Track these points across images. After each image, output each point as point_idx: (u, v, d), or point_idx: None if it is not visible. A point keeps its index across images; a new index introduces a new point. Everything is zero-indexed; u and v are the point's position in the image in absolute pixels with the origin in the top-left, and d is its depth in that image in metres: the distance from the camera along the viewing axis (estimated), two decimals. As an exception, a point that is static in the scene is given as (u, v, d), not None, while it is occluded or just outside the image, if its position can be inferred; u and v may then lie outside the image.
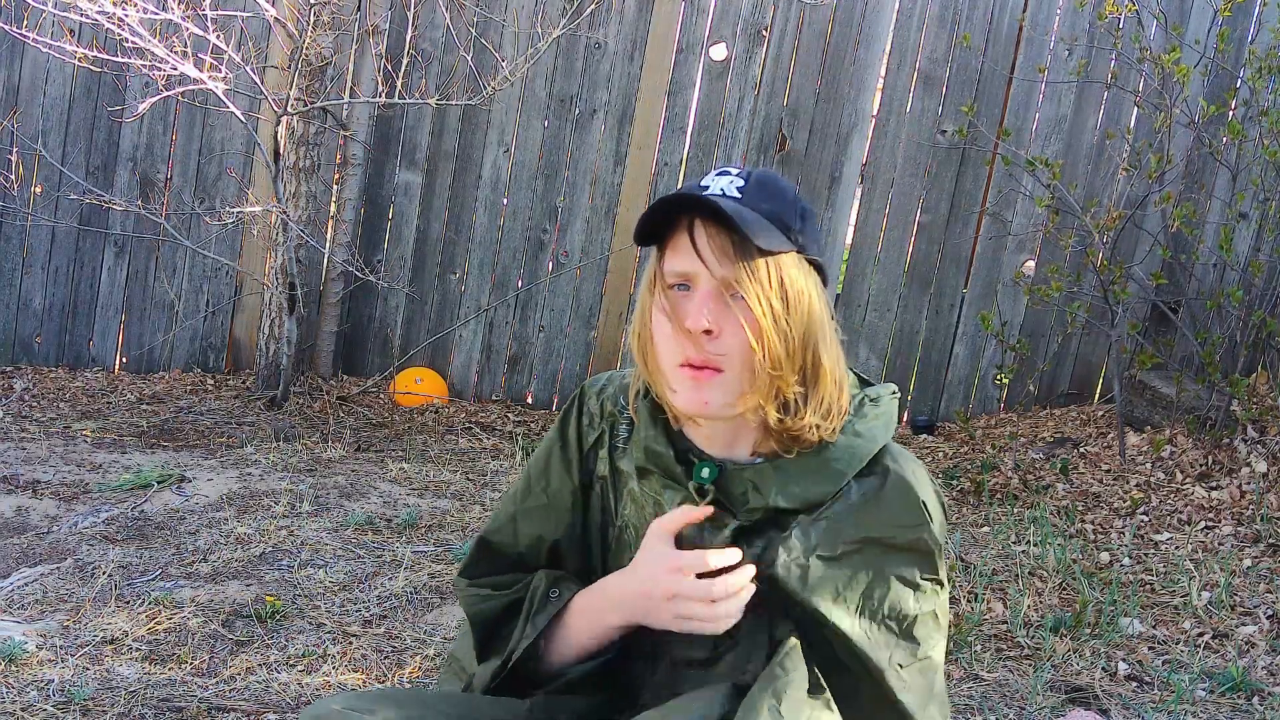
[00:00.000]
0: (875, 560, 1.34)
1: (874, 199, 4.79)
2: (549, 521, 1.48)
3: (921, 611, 1.36)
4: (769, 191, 1.33)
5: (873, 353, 4.80)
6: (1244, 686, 2.66)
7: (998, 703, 2.55)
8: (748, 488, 1.35)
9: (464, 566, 1.52)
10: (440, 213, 4.93)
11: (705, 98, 4.78)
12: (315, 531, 3.31)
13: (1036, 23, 4.62)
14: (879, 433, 1.37)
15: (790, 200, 1.34)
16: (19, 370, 4.80)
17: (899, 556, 1.34)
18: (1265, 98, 4.00)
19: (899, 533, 1.34)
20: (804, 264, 1.33)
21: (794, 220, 1.33)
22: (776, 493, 1.34)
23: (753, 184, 1.33)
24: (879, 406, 1.39)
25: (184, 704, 2.32)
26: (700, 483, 1.37)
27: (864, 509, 1.34)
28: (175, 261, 4.88)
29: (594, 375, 1.53)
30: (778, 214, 1.32)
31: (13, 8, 4.51)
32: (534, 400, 4.98)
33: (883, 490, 1.35)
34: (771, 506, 1.35)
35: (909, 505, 1.34)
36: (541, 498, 1.48)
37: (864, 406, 1.38)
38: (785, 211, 1.33)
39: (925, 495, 1.35)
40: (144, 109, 4.28)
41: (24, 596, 2.82)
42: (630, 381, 1.45)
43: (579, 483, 1.47)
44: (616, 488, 1.45)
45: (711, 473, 1.37)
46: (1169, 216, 4.15)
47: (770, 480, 1.34)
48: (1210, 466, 3.80)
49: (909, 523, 1.34)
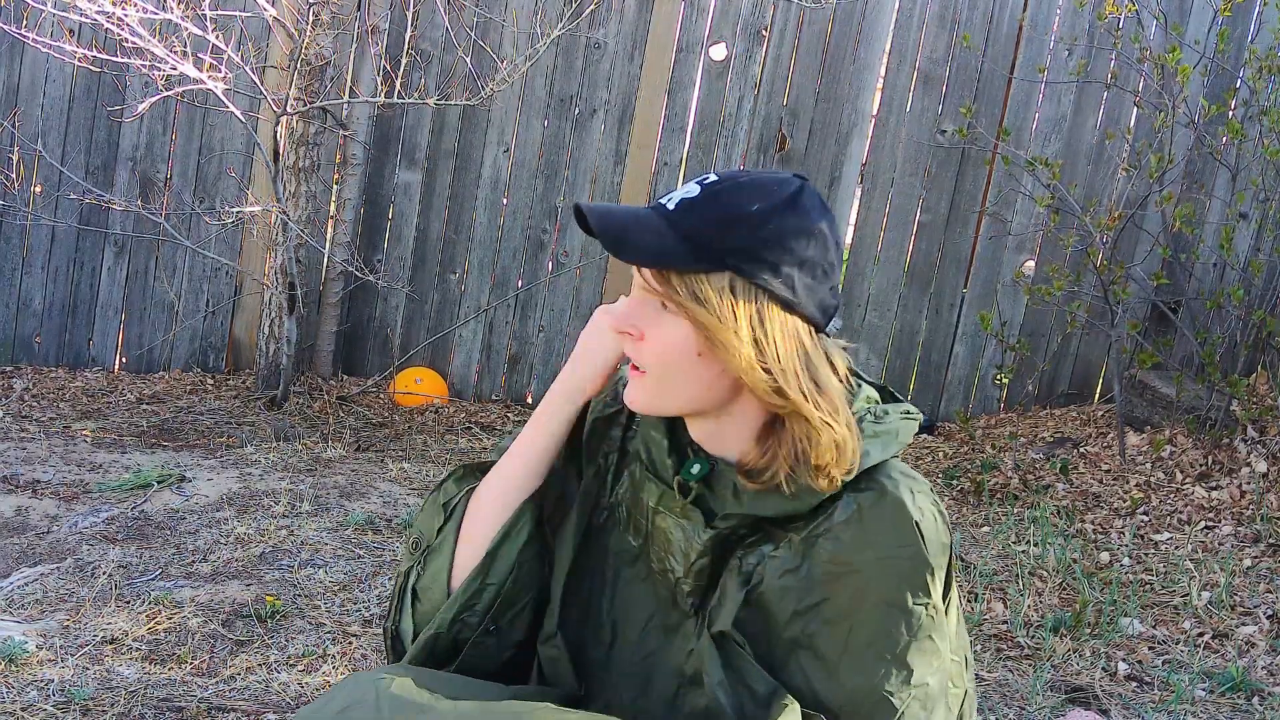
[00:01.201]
0: (862, 581, 1.29)
1: (874, 199, 4.79)
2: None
3: (915, 637, 1.29)
4: (717, 204, 1.26)
5: (873, 353, 4.80)
6: (1244, 686, 2.66)
7: (998, 703, 2.55)
8: (729, 490, 1.34)
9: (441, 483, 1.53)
10: (440, 212, 4.93)
11: (705, 97, 4.78)
12: (315, 531, 3.31)
13: (1036, 23, 4.62)
14: (875, 449, 1.31)
15: (742, 213, 1.25)
16: (19, 370, 4.80)
17: (887, 578, 1.28)
18: (1265, 98, 4.00)
19: (887, 552, 1.28)
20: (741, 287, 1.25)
21: (731, 233, 1.25)
22: (753, 500, 1.32)
23: (703, 197, 1.27)
24: (881, 424, 1.34)
25: (184, 704, 2.32)
26: (688, 478, 1.35)
27: (850, 526, 1.29)
28: (175, 261, 4.88)
29: None
30: (702, 231, 1.25)
31: (12, 8, 4.51)
32: (534, 400, 4.98)
33: (872, 507, 1.29)
34: (748, 515, 1.32)
35: (899, 523, 1.28)
36: None
37: (863, 421, 1.33)
38: (723, 225, 1.25)
39: (917, 513, 1.29)
40: (144, 109, 4.28)
41: (24, 596, 2.82)
42: None
43: (577, 449, 1.46)
44: (619, 465, 1.44)
45: (702, 469, 1.35)
46: (1169, 216, 4.16)
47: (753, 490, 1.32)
48: (1210, 466, 3.80)
49: (898, 542, 1.28)
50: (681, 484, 1.36)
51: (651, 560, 1.41)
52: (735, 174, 1.30)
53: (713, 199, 1.27)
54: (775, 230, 1.26)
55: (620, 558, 1.43)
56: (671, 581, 1.39)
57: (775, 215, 1.26)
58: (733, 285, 1.25)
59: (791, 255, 1.27)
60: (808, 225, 1.28)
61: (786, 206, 1.27)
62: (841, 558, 1.29)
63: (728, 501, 1.34)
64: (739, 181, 1.28)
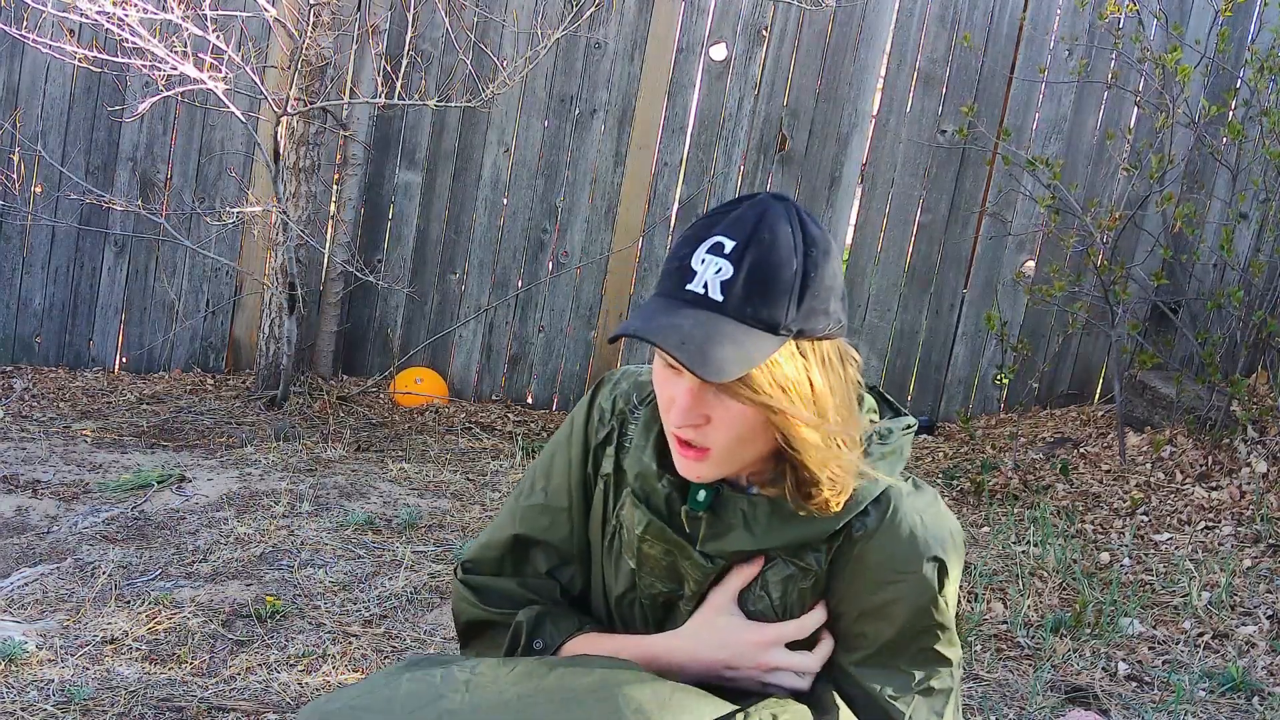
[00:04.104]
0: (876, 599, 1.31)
1: (874, 199, 4.79)
2: (544, 520, 1.47)
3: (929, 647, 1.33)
4: (761, 278, 1.19)
5: (873, 353, 4.80)
6: (1244, 686, 2.66)
7: (998, 703, 2.55)
8: (740, 521, 1.32)
9: (466, 557, 1.52)
10: (440, 213, 4.93)
11: (705, 98, 4.78)
12: (315, 531, 3.31)
13: (1036, 23, 4.62)
14: (883, 470, 1.31)
15: (788, 278, 1.19)
16: (19, 370, 4.80)
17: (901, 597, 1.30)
18: (1265, 98, 4.01)
19: (892, 575, 1.30)
20: (802, 347, 1.21)
21: (789, 303, 1.19)
22: (767, 534, 1.31)
23: (744, 274, 1.19)
24: (887, 444, 1.33)
25: (184, 704, 2.32)
26: (695, 508, 1.33)
27: (855, 546, 1.31)
28: (175, 261, 4.88)
29: (611, 370, 1.51)
30: (764, 313, 1.19)
31: (12, 8, 4.51)
32: (534, 400, 4.98)
33: (879, 529, 1.30)
34: (761, 549, 1.32)
35: (911, 544, 1.30)
36: (540, 497, 1.47)
37: (871, 444, 1.32)
38: (777, 300, 1.19)
39: (928, 535, 1.30)
40: (144, 109, 4.28)
41: (24, 596, 2.82)
42: (645, 379, 1.43)
43: (582, 479, 1.45)
44: (618, 487, 1.42)
45: (707, 497, 1.33)
46: (1169, 217, 4.16)
47: (763, 518, 1.31)
48: (1210, 467, 3.80)
49: (911, 563, 1.30)
50: (689, 514, 1.34)
51: (642, 581, 1.41)
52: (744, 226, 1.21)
53: (757, 271, 1.19)
54: (817, 276, 1.21)
55: (622, 579, 1.44)
56: (665, 600, 1.40)
57: (811, 260, 1.21)
58: (799, 350, 1.21)
59: (833, 291, 1.23)
60: (827, 247, 1.23)
61: (809, 245, 1.22)
62: (856, 578, 1.32)
63: (737, 530, 1.32)
64: (760, 238, 1.20)
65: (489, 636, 1.46)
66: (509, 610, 1.44)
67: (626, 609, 1.44)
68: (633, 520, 1.38)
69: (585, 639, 1.41)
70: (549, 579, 1.47)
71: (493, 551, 1.49)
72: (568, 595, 1.48)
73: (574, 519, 1.46)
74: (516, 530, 1.48)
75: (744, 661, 1.33)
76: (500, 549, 1.48)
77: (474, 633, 1.48)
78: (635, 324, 1.21)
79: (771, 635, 1.33)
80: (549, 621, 1.42)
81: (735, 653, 1.34)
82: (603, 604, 1.46)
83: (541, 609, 1.43)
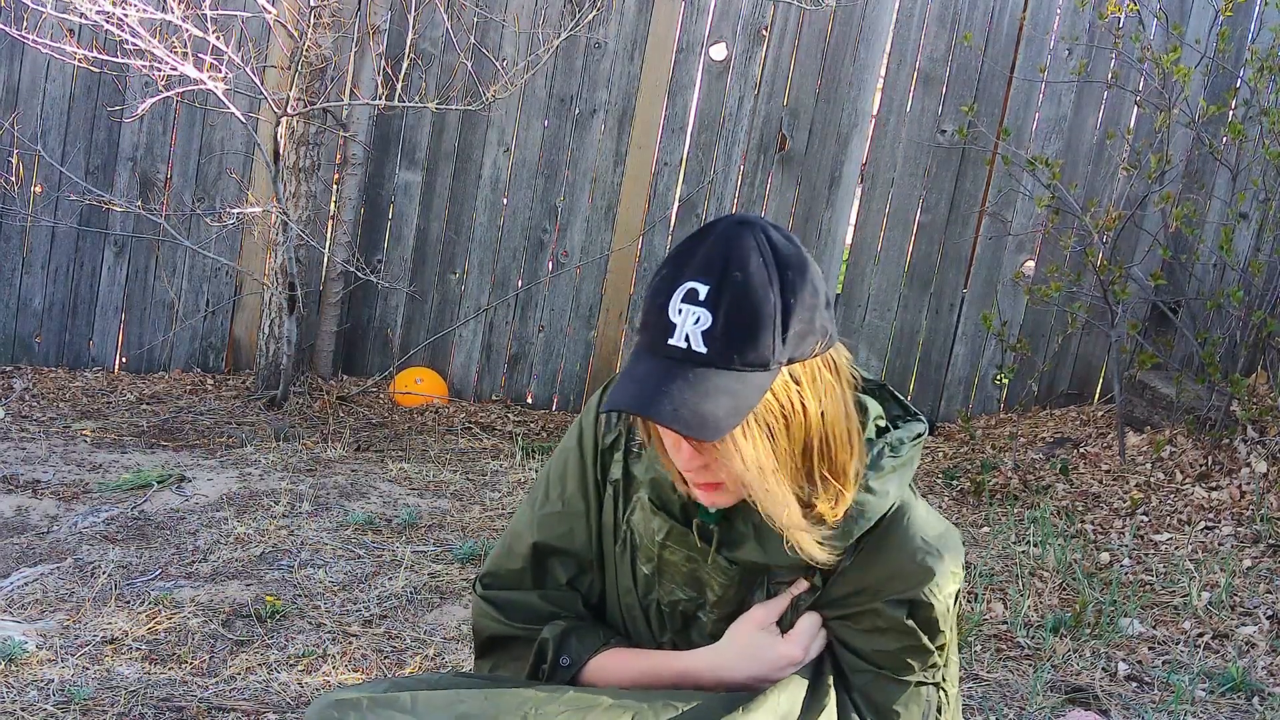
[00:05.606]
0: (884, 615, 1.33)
1: (874, 199, 4.79)
2: (563, 527, 1.46)
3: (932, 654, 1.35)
4: (741, 321, 1.16)
5: (873, 353, 4.80)
6: (1244, 687, 2.66)
7: (998, 703, 2.55)
8: (750, 536, 1.33)
9: (484, 570, 1.51)
10: (440, 212, 4.93)
11: (705, 97, 4.78)
12: (315, 531, 3.31)
13: (1036, 22, 4.62)
14: (893, 486, 1.31)
15: (768, 313, 1.16)
16: (19, 370, 4.80)
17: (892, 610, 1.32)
18: (1265, 98, 4.00)
19: (894, 586, 1.32)
20: (794, 372, 1.20)
21: (774, 338, 1.17)
22: (779, 552, 1.31)
23: (722, 320, 1.16)
24: (898, 456, 1.32)
25: (184, 704, 2.32)
26: (707, 520, 1.34)
27: (858, 559, 1.33)
28: (175, 261, 4.88)
29: (615, 374, 1.50)
30: (751, 355, 1.17)
31: (12, 8, 4.51)
32: (534, 400, 4.98)
33: (883, 545, 1.32)
34: (768, 564, 1.34)
35: (915, 559, 1.31)
36: (557, 504, 1.46)
37: (881, 458, 1.31)
38: (761, 338, 1.16)
39: (931, 551, 1.31)
40: (144, 109, 4.28)
41: (24, 596, 2.82)
42: None
43: (593, 483, 1.44)
44: (628, 492, 1.42)
45: (719, 512, 1.34)
46: (1169, 216, 4.15)
47: (775, 535, 1.30)
48: (1210, 467, 3.80)
49: (917, 577, 1.31)
50: (701, 527, 1.35)
51: (661, 588, 1.41)
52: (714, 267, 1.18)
53: (735, 315, 1.17)
54: (798, 301, 1.19)
55: (638, 584, 1.44)
56: (685, 609, 1.40)
57: (788, 287, 1.19)
58: (792, 376, 1.21)
59: (815, 308, 1.21)
60: (801, 262, 1.20)
61: (782, 269, 1.18)
62: (865, 589, 1.33)
63: (749, 541, 1.33)
64: (731, 278, 1.17)
65: (510, 650, 1.45)
66: (534, 626, 1.43)
67: (637, 615, 1.44)
68: (650, 526, 1.38)
69: (611, 655, 1.41)
70: (570, 590, 1.46)
71: (512, 563, 1.48)
72: (588, 604, 1.47)
73: (591, 524, 1.45)
74: (535, 539, 1.46)
75: (775, 675, 1.35)
76: (520, 560, 1.47)
77: (494, 646, 1.47)
78: (626, 397, 1.19)
79: (801, 654, 1.35)
80: (574, 637, 1.41)
81: (771, 668, 1.35)
82: (617, 610, 1.46)
83: (567, 624, 1.42)
